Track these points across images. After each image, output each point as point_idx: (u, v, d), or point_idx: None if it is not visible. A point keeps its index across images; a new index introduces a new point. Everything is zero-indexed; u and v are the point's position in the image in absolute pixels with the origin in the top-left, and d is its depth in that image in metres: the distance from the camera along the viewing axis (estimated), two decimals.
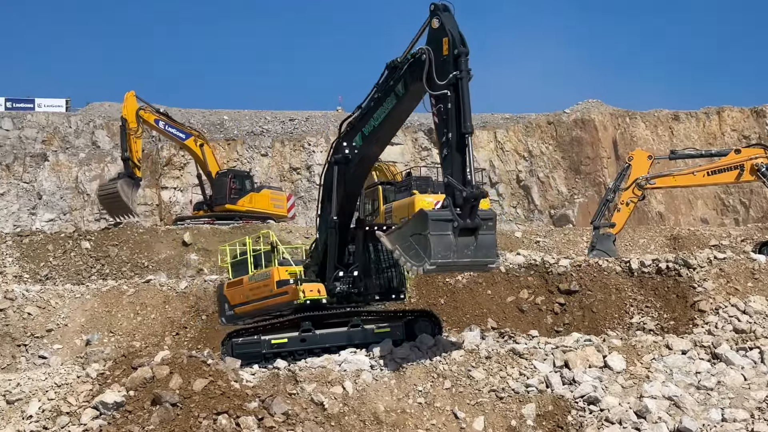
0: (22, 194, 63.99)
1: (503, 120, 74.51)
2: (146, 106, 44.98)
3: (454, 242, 16.87)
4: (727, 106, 74.97)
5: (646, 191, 36.82)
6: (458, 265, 17.67)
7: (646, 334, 23.13)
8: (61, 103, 73.62)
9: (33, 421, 15.57)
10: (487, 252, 17.33)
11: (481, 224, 17.28)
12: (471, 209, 17.25)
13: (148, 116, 44.64)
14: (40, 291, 29.27)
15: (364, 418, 17.41)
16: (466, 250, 17.00)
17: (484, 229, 17.39)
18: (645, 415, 16.88)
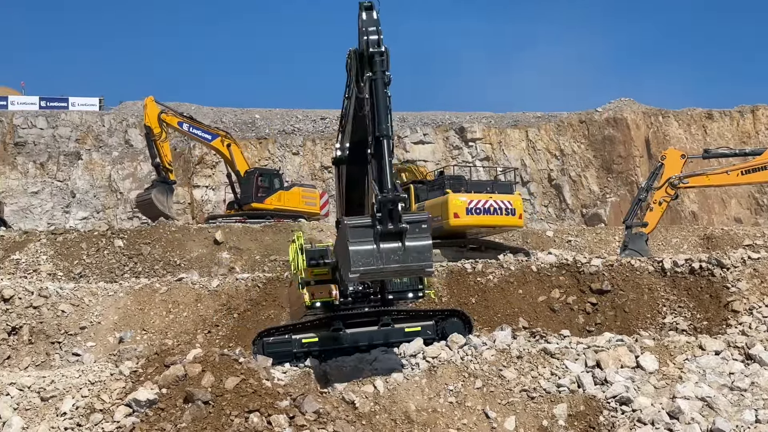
0: (56, 192, 64.55)
1: (535, 119, 74.27)
2: (167, 110, 45.05)
3: (377, 249, 15.93)
4: (762, 105, 74.29)
5: (679, 190, 36.56)
6: (387, 272, 16.32)
7: (678, 335, 23.02)
8: (95, 102, 74.09)
9: (67, 418, 15.69)
10: (420, 256, 16.06)
11: (407, 228, 16.11)
12: (390, 213, 16.17)
13: (171, 119, 44.72)
14: (74, 289, 29.45)
15: (395, 417, 17.43)
16: (393, 255, 15.93)
17: (414, 233, 16.18)
18: (678, 416, 16.79)
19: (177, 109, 70.63)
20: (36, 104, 72.12)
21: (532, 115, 75.83)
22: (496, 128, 71.73)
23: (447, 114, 76.03)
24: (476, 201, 34.44)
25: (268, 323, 26.77)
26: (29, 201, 63.98)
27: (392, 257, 15.64)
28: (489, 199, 34.76)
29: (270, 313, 28.70)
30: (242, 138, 67.99)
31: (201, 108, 73.79)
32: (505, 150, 70.50)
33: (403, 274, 15.56)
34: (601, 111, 73.10)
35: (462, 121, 72.78)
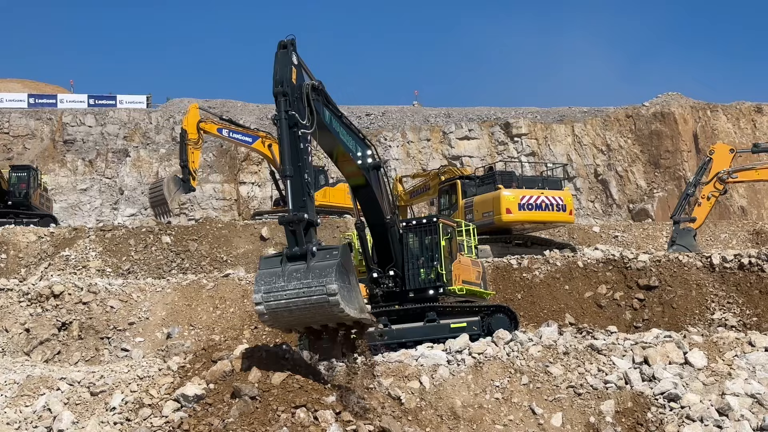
0: (105, 189, 65.22)
1: (581, 114, 73.78)
2: (207, 118, 45.17)
3: (282, 269, 15.45)
4: None
5: (727, 185, 36.21)
6: (290, 294, 15.11)
7: (727, 331, 22.79)
8: (142, 100, 74.72)
9: (116, 412, 15.86)
10: (321, 273, 15.12)
11: (315, 252, 15.57)
12: (293, 234, 16.02)
13: (210, 127, 44.75)
14: (122, 285, 29.74)
15: (441, 413, 17.43)
16: (296, 273, 15.27)
17: (323, 258, 15.52)
18: (727, 413, 16.65)
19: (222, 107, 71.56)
20: (84, 102, 72.88)
21: (578, 110, 75.35)
22: (541, 123, 71.38)
23: (492, 109, 75.76)
24: (528, 197, 34.37)
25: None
26: (78, 198, 64.70)
27: (294, 274, 15.09)
28: (540, 195, 34.67)
29: None
30: None
31: (246, 105, 74.22)
32: (551, 145, 70.13)
33: (307, 303, 14.68)
34: (648, 105, 72.48)
35: (507, 116, 72.49)
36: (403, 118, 72.80)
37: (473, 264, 24.48)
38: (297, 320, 15.34)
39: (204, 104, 72.80)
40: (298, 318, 15.20)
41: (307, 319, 15.33)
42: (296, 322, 15.45)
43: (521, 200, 34.15)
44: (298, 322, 15.47)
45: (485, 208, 34.53)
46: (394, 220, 22.33)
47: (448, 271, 22.92)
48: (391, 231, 22.15)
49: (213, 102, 74.39)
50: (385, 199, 21.74)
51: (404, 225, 23.23)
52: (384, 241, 22.29)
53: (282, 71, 17.09)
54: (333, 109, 19.10)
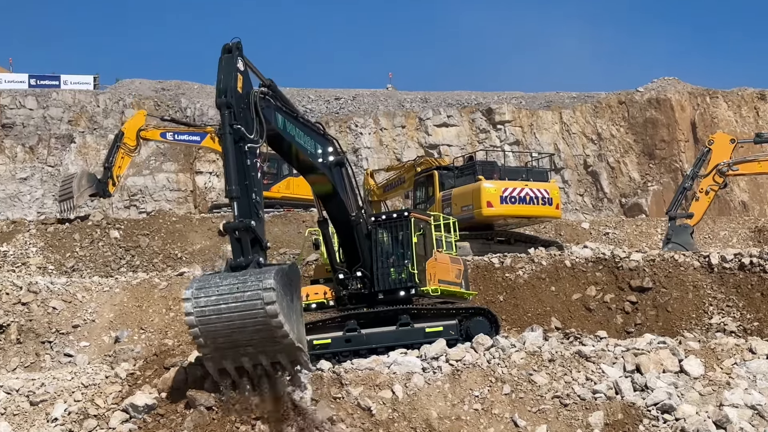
0: (47, 179, 64.81)
1: (569, 99, 74.08)
2: (149, 126, 44.97)
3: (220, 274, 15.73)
4: None
5: (727, 178, 36.49)
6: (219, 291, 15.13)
7: (726, 337, 22.99)
8: (89, 81, 74.27)
9: (58, 424, 15.81)
10: (260, 277, 15.21)
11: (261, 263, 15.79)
12: (239, 243, 16.14)
13: (152, 134, 44.61)
14: (66, 284, 29.62)
15: (415, 425, 17.47)
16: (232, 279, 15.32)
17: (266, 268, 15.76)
18: (725, 426, 16.79)
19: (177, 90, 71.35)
20: (25, 83, 72.33)
21: (566, 95, 75.64)
22: (526, 110, 71.61)
23: (473, 94, 75.93)
24: (511, 189, 34.44)
25: None
26: (17, 188, 64.29)
27: (230, 279, 15.12)
28: (524, 187, 34.74)
29: None
30: None
31: (204, 87, 73.97)
32: (536, 134, 70.39)
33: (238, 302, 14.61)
34: (643, 91, 72.85)
35: (490, 101, 72.69)
36: (375, 102, 72.82)
37: (452, 261, 24.48)
38: (226, 333, 14.91)
39: (157, 86, 72.68)
40: (228, 328, 14.82)
41: (238, 333, 14.90)
42: (225, 336, 14.95)
43: (503, 193, 34.23)
44: (226, 337, 14.98)
45: (464, 202, 34.58)
46: (361, 216, 22.35)
47: (421, 270, 22.89)
48: (357, 228, 22.20)
49: (168, 83, 74.14)
50: (350, 195, 21.77)
51: (373, 221, 23.23)
52: (350, 239, 22.34)
53: (226, 80, 17.00)
54: (287, 111, 19.00)
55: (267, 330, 14.87)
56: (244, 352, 15.17)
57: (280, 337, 14.95)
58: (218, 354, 15.16)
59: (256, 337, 14.97)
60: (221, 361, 15.22)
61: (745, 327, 25.66)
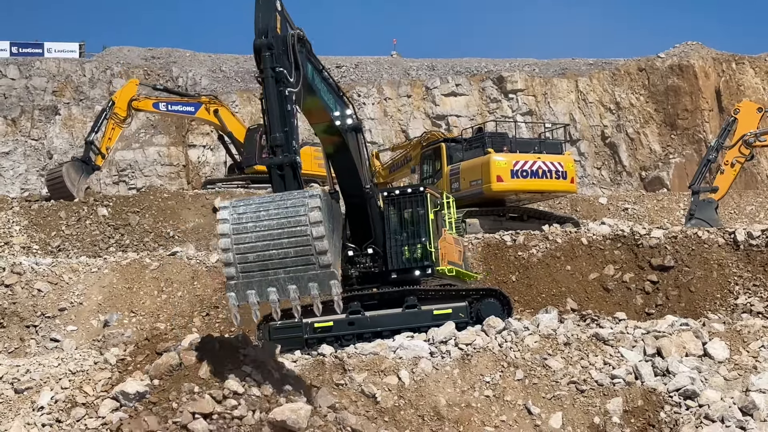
0: (31, 153, 64.78)
1: (586, 66, 73.92)
2: (141, 95, 45.19)
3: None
4: None
5: (754, 150, 36.40)
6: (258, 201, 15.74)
7: (753, 318, 22.97)
8: (75, 48, 74.23)
9: (45, 412, 15.84)
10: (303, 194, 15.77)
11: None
12: (282, 179, 16.39)
13: (144, 104, 44.90)
14: (52, 264, 29.66)
15: (422, 412, 17.52)
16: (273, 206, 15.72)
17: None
18: (752, 412, 16.81)
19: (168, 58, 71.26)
20: (6, 50, 72.32)
21: (582, 62, 75.47)
22: (540, 77, 71.46)
23: (483, 61, 75.77)
24: (522, 162, 34.36)
25: None
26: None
27: (271, 196, 15.46)
28: (537, 160, 34.64)
29: None
30: (245, 89, 68.03)
31: (196, 55, 73.94)
32: (551, 103, 70.27)
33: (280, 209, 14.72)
34: (664, 57, 72.63)
35: (501, 69, 72.56)
36: (379, 70, 72.69)
37: (455, 242, 24.54)
38: (261, 247, 15.02)
39: (147, 54, 72.57)
40: (264, 239, 14.98)
41: (273, 248, 15.00)
42: (258, 251, 15.05)
43: (514, 166, 34.16)
44: (259, 253, 15.06)
45: (473, 176, 34.53)
46: (374, 190, 22.31)
47: (436, 248, 22.94)
48: (371, 202, 22.12)
49: (157, 51, 74.06)
50: (364, 166, 21.70)
51: (386, 196, 23.17)
52: (362, 215, 22.25)
53: (265, 19, 16.98)
54: (315, 62, 19.00)
55: (305, 244, 14.99)
56: (273, 278, 15.19)
57: (318, 253, 15.04)
58: (245, 280, 15.18)
59: (292, 253, 15.05)
60: (245, 292, 15.22)
61: None
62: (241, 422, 14.41)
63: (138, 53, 72.95)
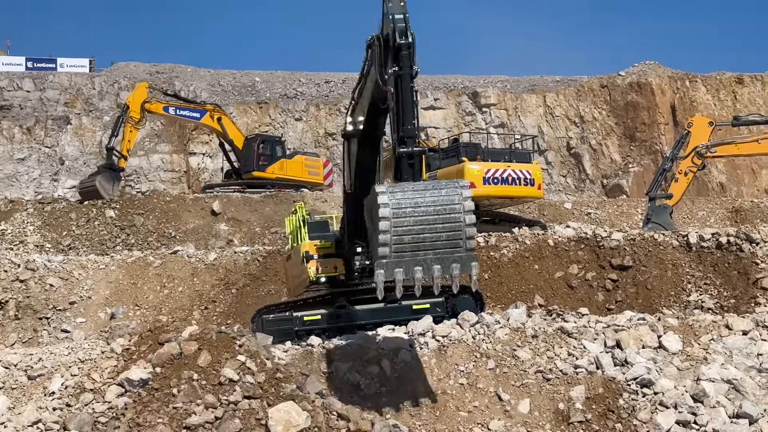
0: (44, 159, 64.50)
1: (553, 83, 73.97)
2: (153, 98, 45.35)
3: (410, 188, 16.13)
4: None
5: (706, 160, 36.43)
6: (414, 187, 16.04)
7: (704, 313, 23.02)
8: (85, 63, 73.88)
9: (55, 397, 15.76)
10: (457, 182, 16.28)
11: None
12: (411, 167, 16.53)
13: (156, 107, 45.17)
14: (63, 261, 29.56)
15: (402, 399, 17.51)
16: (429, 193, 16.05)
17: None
18: (702, 399, 16.85)
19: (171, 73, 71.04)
20: (22, 65, 71.90)
21: (550, 79, 75.51)
22: (511, 93, 71.46)
23: (459, 78, 75.69)
24: (494, 170, 34.35)
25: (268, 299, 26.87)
26: (15, 168, 63.95)
27: (421, 184, 15.74)
28: (507, 168, 34.64)
29: (270, 289, 28.81)
30: (241, 102, 67.89)
31: (197, 70, 73.69)
32: (521, 116, 70.27)
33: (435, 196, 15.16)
34: (624, 75, 72.75)
35: (475, 85, 72.50)
36: None
37: None
38: (416, 231, 15.35)
39: (152, 69, 72.30)
40: (420, 224, 15.31)
41: (427, 231, 15.37)
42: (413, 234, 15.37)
43: (486, 174, 34.14)
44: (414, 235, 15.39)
45: None
46: None
47: None
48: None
49: (161, 66, 73.77)
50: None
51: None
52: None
53: (405, 20, 16.83)
54: None
55: (457, 229, 15.40)
56: (422, 258, 15.53)
57: (467, 238, 15.52)
58: (396, 258, 15.46)
59: (443, 237, 15.44)
60: (394, 270, 15.47)
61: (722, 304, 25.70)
62: (236, 407, 14.36)
63: (143, 68, 72.67)
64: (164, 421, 13.96)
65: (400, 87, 16.56)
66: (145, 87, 46.10)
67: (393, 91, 16.57)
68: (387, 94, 16.71)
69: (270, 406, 14.50)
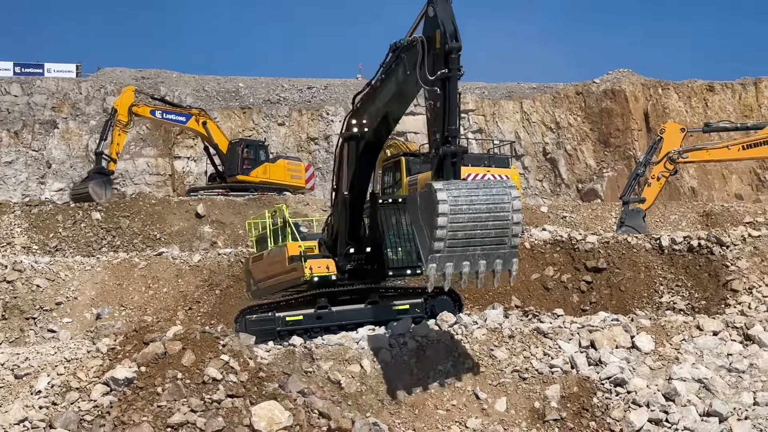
0: (31, 162, 64.21)
1: (530, 90, 74.15)
2: (140, 102, 45.27)
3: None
4: (765, 77, 74.20)
5: (678, 165, 36.60)
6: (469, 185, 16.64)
7: (676, 314, 23.10)
8: (72, 69, 73.64)
9: (42, 396, 15.69)
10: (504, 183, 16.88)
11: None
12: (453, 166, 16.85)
13: (143, 110, 45.09)
14: (50, 263, 29.44)
15: (382, 397, 17.51)
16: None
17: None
18: (674, 398, 16.91)
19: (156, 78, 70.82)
20: (9, 70, 71.60)
21: (527, 86, 75.68)
22: (489, 99, 71.59)
23: None
24: (474, 175, 34.32)
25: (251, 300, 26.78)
26: (2, 171, 63.64)
27: (471, 183, 16.46)
28: (486, 173, 34.63)
29: None
30: (225, 107, 67.76)
31: (182, 76, 73.49)
32: (498, 122, 70.40)
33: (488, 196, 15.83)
34: (599, 82, 73.01)
35: None
36: (346, 92, 72.45)
37: None
38: (470, 227, 15.78)
39: (137, 74, 72.06)
40: (474, 221, 15.75)
41: (479, 228, 15.83)
42: (467, 230, 15.79)
43: (467, 178, 34.17)
44: (468, 231, 15.81)
45: None
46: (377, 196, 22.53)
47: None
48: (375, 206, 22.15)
49: (147, 72, 73.53)
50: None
51: (380, 203, 23.05)
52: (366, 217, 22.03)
53: (455, 24, 17.13)
54: None
55: (505, 227, 15.97)
56: (471, 254, 16.03)
57: (513, 235, 16.15)
58: (449, 253, 15.89)
59: (492, 233, 15.96)
60: (445, 264, 15.92)
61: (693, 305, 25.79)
62: (219, 406, 14.32)
63: (129, 74, 72.42)
64: (149, 420, 13.91)
65: (448, 88, 16.89)
66: (132, 90, 46.01)
67: (440, 91, 16.89)
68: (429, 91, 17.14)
69: (253, 404, 14.46)
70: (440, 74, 16.88)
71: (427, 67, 17.16)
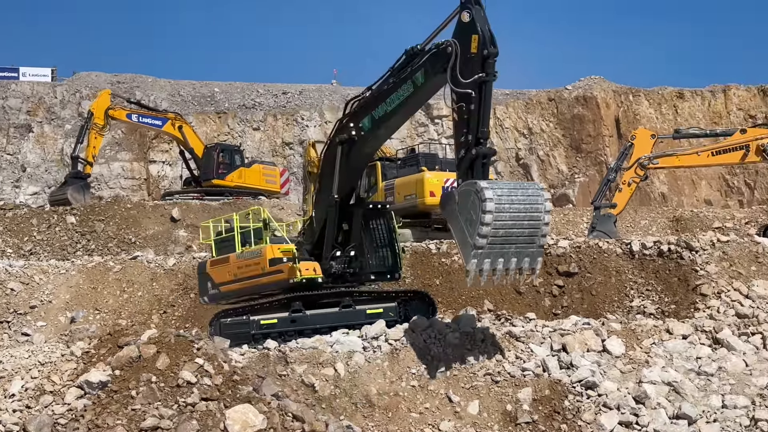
0: (6, 166, 63.86)
1: (503, 96, 74.32)
2: (116, 105, 45.21)
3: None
4: (734, 85, 74.66)
5: (648, 171, 36.73)
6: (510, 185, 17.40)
7: (646, 318, 23.21)
8: (47, 73, 73.31)
9: (15, 400, 15.58)
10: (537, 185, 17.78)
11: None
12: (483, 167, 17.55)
13: (119, 114, 45.09)
14: (24, 266, 29.25)
15: (355, 400, 17.50)
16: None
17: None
18: (644, 401, 17.01)
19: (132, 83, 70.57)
20: None
21: (499, 92, 75.80)
22: None
23: None
24: (451, 180, 34.36)
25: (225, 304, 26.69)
26: None
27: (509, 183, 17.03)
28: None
29: None
30: (201, 112, 67.59)
31: (157, 80, 73.24)
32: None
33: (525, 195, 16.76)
34: (571, 89, 73.24)
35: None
36: (321, 97, 72.55)
37: None
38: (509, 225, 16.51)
39: (113, 79, 71.78)
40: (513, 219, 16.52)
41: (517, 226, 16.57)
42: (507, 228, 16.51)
43: (445, 183, 34.18)
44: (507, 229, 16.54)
45: (407, 191, 34.49)
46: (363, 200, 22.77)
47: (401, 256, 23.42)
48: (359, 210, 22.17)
49: (123, 77, 73.26)
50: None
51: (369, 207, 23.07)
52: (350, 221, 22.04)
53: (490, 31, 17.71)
54: None
55: (537, 227, 16.89)
56: (506, 251, 16.82)
57: (542, 235, 17.07)
58: (488, 250, 16.61)
59: (526, 233, 16.80)
60: (484, 260, 16.68)
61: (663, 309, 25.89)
62: (194, 409, 14.28)
63: (105, 78, 72.12)
64: (123, 423, 13.85)
65: (484, 91, 17.50)
66: (108, 94, 45.92)
67: (475, 94, 17.44)
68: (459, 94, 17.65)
69: (227, 407, 14.43)
70: (477, 78, 17.44)
71: (460, 71, 17.65)
